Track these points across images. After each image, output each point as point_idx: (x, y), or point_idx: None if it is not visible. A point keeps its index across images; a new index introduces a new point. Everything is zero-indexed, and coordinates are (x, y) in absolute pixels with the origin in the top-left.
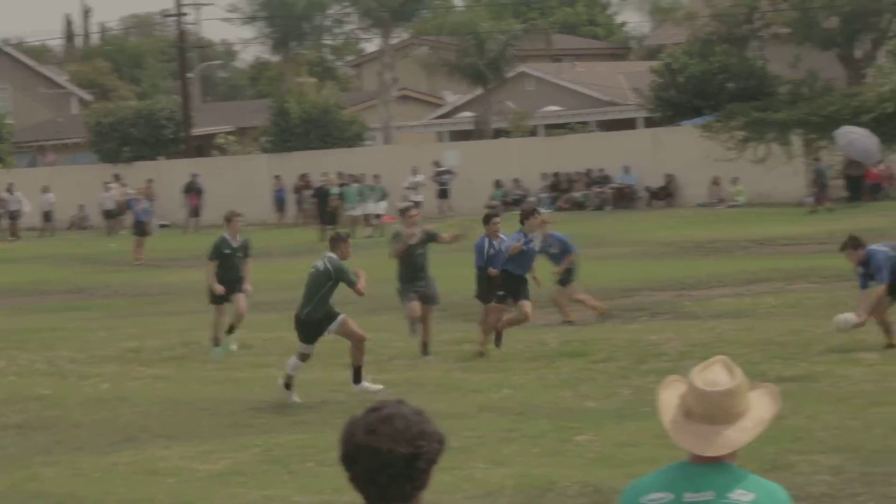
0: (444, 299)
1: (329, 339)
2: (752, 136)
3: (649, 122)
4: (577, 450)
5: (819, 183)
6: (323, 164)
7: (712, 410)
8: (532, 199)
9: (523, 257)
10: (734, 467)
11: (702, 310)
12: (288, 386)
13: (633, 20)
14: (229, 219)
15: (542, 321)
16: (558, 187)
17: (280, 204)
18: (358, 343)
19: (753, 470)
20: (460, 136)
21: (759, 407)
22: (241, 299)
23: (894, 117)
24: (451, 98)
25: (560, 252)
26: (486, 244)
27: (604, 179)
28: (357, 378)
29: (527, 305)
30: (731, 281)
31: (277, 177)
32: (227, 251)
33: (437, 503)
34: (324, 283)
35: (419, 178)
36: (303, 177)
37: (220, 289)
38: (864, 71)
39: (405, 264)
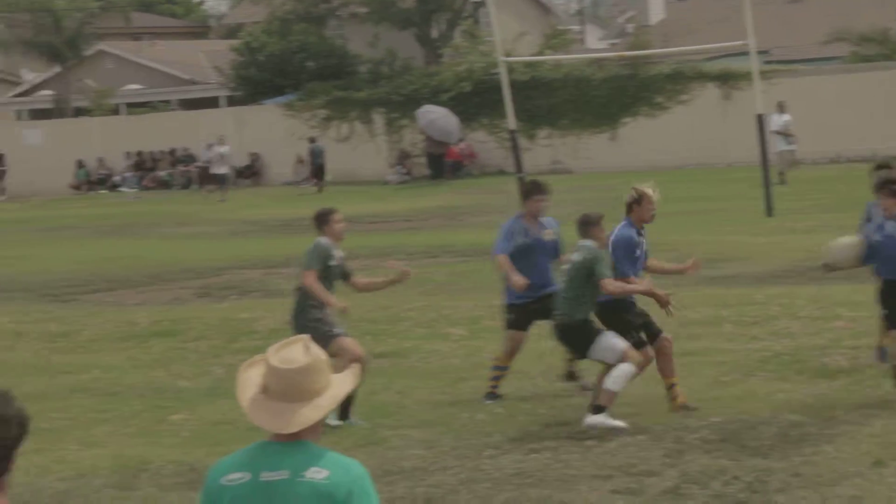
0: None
1: None
2: (335, 115)
3: (232, 101)
4: (172, 429)
5: (315, 163)
6: None
7: (287, 388)
8: (117, 177)
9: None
10: (312, 445)
11: (291, 287)
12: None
13: None
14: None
15: (133, 300)
16: (143, 166)
17: None
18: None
19: (347, 446)
20: (40, 114)
21: (338, 385)
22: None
23: (472, 96)
24: (29, 76)
25: None
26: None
27: (188, 158)
28: None
29: None
30: None
31: None
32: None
33: (30, 485)
34: None
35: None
36: None
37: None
38: (441, 51)
39: None
